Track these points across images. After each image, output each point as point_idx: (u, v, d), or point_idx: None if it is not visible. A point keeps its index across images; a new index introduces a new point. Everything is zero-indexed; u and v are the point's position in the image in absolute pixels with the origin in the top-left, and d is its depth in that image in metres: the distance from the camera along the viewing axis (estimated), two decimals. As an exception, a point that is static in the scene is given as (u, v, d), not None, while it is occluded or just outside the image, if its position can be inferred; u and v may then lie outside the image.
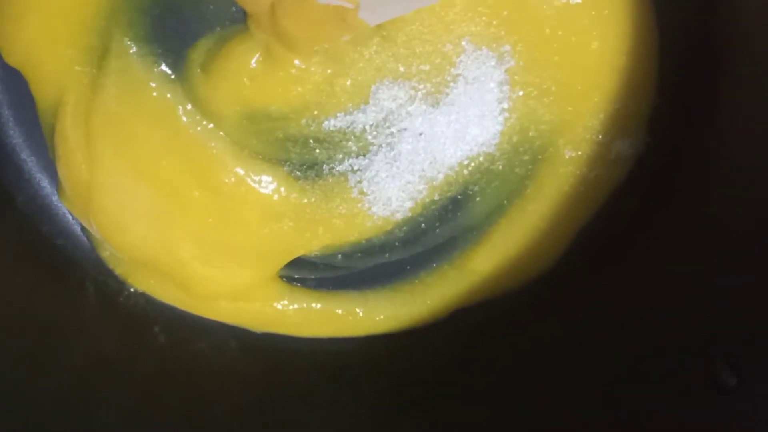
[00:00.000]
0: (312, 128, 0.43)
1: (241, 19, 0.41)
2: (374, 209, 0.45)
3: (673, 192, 0.45)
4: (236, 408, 0.47)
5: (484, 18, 0.39)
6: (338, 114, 0.42)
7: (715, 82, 0.41)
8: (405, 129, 0.42)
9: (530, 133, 0.43)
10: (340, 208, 0.45)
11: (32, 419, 0.41)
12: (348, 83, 0.41)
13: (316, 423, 0.46)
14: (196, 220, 0.44)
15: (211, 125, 0.43)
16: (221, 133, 0.43)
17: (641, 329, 0.43)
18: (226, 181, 0.43)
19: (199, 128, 0.42)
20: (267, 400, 0.48)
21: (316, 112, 0.43)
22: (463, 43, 0.39)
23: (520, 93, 0.41)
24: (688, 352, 0.39)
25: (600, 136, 0.43)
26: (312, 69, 0.41)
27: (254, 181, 0.44)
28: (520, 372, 0.47)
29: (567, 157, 0.44)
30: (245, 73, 0.41)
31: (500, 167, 0.44)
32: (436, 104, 0.41)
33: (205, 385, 0.48)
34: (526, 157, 0.44)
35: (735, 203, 0.40)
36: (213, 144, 0.43)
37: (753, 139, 0.39)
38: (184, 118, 0.42)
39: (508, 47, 0.40)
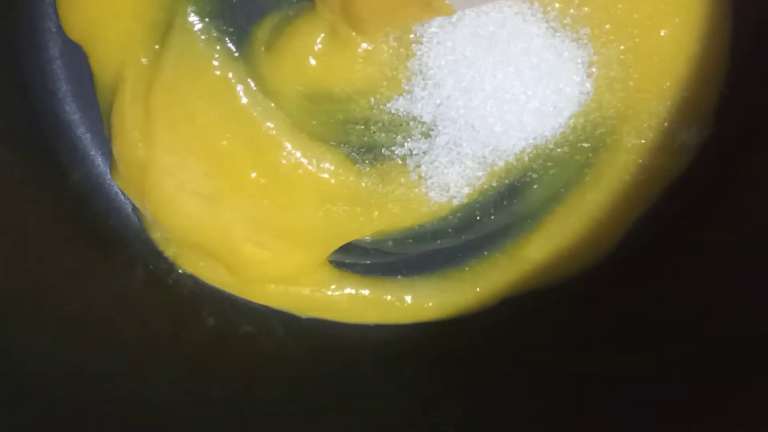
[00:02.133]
0: (374, 110, 0.42)
1: (310, -1, 0.41)
2: (431, 194, 0.44)
3: (734, 184, 0.44)
4: (281, 391, 0.46)
5: (563, 2, 0.38)
6: (402, 97, 0.42)
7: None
8: (469, 114, 0.42)
9: (595, 120, 0.42)
10: (397, 192, 0.44)
11: (82, 396, 0.40)
12: (415, 66, 0.41)
13: (360, 406, 0.46)
14: (251, 201, 0.44)
15: (272, 105, 0.42)
16: (281, 113, 0.42)
17: (694, 324, 0.42)
18: (284, 162, 0.43)
19: (259, 108, 0.42)
20: (312, 385, 0.47)
21: (379, 95, 0.42)
22: (542, 26, 0.39)
23: (591, 79, 0.40)
24: (743, 348, 0.39)
25: (665, 124, 0.42)
26: (378, 50, 0.40)
27: (312, 163, 0.43)
28: (566, 363, 0.46)
29: (629, 145, 0.43)
30: (310, 53, 0.41)
31: (560, 154, 0.44)
32: (506, 88, 0.40)
33: (251, 368, 0.47)
34: (587, 145, 0.43)
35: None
36: (272, 124, 0.42)
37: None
38: (245, 97, 0.42)
39: (586, 31, 0.39)
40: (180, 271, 0.48)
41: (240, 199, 0.44)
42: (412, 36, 0.40)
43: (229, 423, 0.44)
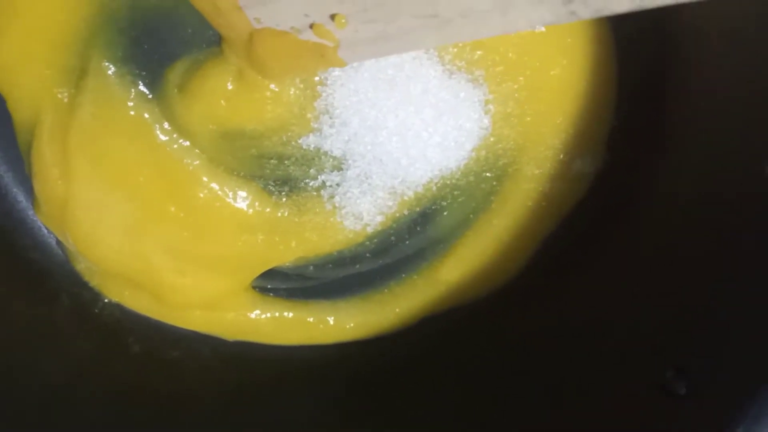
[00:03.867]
0: (286, 146, 0.44)
1: (218, 42, 0.42)
2: (346, 223, 0.46)
3: (629, 208, 0.47)
4: (209, 413, 0.48)
5: (459, 44, 0.41)
6: (312, 134, 0.44)
7: (669, 107, 0.43)
8: (376, 149, 0.44)
9: (496, 152, 0.45)
10: (313, 221, 0.46)
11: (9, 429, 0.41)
12: (322, 105, 0.43)
13: (288, 425, 0.48)
14: (171, 232, 0.45)
15: (187, 143, 0.43)
16: (197, 150, 0.44)
17: (597, 336, 0.45)
18: (201, 195, 0.44)
19: (175, 146, 0.43)
20: (239, 405, 0.49)
21: (290, 132, 0.44)
22: (438, 69, 0.41)
23: (489, 115, 0.43)
24: (641, 360, 0.41)
25: (561, 155, 0.45)
26: (286, 92, 0.42)
27: (229, 195, 0.45)
28: (484, 375, 0.48)
29: (530, 174, 0.46)
30: (221, 95, 0.42)
31: (467, 184, 0.46)
32: (408, 126, 0.42)
33: (180, 393, 0.48)
34: (491, 175, 0.46)
35: (686, 220, 0.42)
36: (188, 161, 0.44)
37: (703, 161, 0.41)
38: (161, 136, 0.43)
39: (481, 72, 0.42)
40: (106, 300, 0.49)
41: (159, 231, 0.45)
42: (317, 78, 0.42)
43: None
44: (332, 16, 0.33)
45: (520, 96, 0.42)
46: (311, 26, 0.34)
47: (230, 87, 0.42)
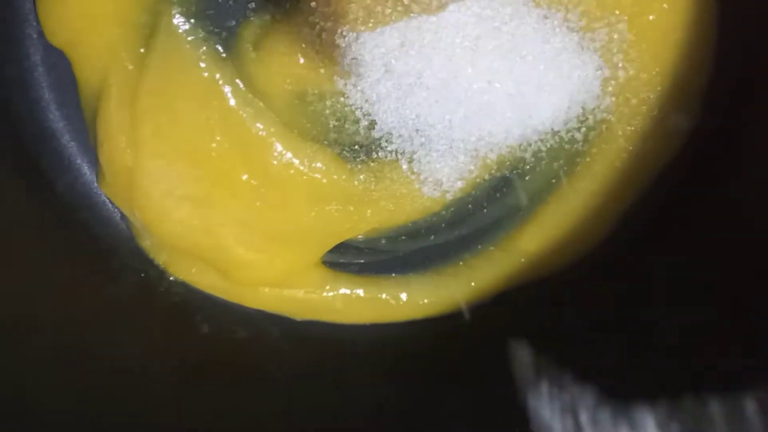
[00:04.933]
0: (365, 107, 0.42)
1: (294, -1, 0.40)
2: (424, 190, 0.44)
3: (724, 168, 0.44)
4: (279, 395, 0.46)
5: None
6: (393, 92, 0.41)
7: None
8: (461, 108, 0.41)
9: (586, 109, 0.43)
10: (390, 189, 0.44)
11: (82, 411, 0.39)
12: (402, 62, 0.40)
13: (359, 406, 0.45)
14: (242, 203, 0.43)
15: (262, 105, 0.41)
16: (271, 113, 0.42)
17: (687, 311, 0.42)
18: (275, 162, 0.42)
19: (249, 108, 0.41)
20: (309, 387, 0.47)
21: (369, 92, 0.41)
22: (533, 14, 0.39)
23: (581, 67, 0.40)
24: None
25: (655, 110, 0.42)
26: (365, 50, 0.40)
27: (303, 162, 0.43)
28: (564, 352, 0.46)
29: (620, 132, 0.43)
30: (298, 51, 0.40)
31: (552, 145, 0.44)
32: (496, 81, 0.40)
33: (248, 374, 0.46)
34: (578, 134, 0.43)
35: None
36: (262, 124, 0.42)
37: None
38: (234, 98, 0.41)
39: (577, 18, 0.39)
40: (171, 278, 0.47)
41: (231, 202, 0.43)
42: (398, 32, 0.39)
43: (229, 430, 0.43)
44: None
45: (616, 45, 0.40)
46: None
47: (307, 43, 0.40)
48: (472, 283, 0.48)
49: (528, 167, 0.44)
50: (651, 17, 0.39)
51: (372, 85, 0.41)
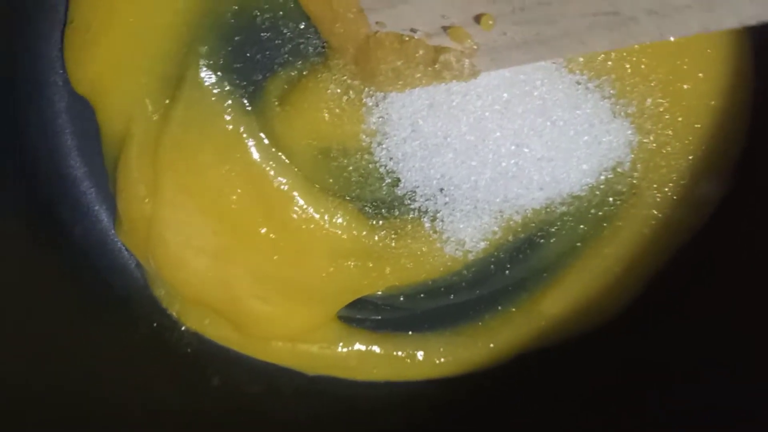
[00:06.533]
0: (389, 165, 0.41)
1: (322, 53, 0.40)
2: (446, 249, 0.43)
3: (754, 237, 0.43)
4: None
5: (586, 56, 0.38)
6: (418, 152, 0.41)
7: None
8: (487, 169, 0.41)
9: (616, 174, 0.42)
10: (411, 247, 0.43)
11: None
12: (430, 122, 0.40)
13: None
14: (260, 257, 0.43)
15: (284, 159, 0.41)
16: (294, 167, 0.41)
17: (711, 380, 0.41)
18: (295, 216, 0.42)
19: (271, 162, 0.41)
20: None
21: (393, 150, 0.41)
22: (565, 80, 0.38)
23: (613, 134, 0.40)
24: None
25: (686, 178, 0.42)
26: (391, 108, 0.39)
27: (323, 217, 0.42)
28: (585, 419, 0.45)
29: (649, 199, 0.43)
30: (324, 108, 0.40)
31: (578, 208, 0.43)
32: (524, 145, 0.39)
33: (258, 428, 0.45)
34: (608, 199, 0.43)
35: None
36: (285, 179, 0.41)
37: None
38: (257, 152, 0.41)
39: (609, 84, 0.39)
40: (183, 328, 0.46)
41: (248, 255, 0.43)
42: (425, 91, 0.39)
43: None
44: (477, 17, 0.30)
45: (648, 112, 0.39)
46: (447, 29, 0.31)
47: (333, 100, 0.39)
48: (491, 345, 0.47)
49: (553, 230, 0.43)
50: (686, 86, 0.39)
51: (398, 143, 0.40)
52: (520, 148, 0.39)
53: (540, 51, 0.31)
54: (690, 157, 0.41)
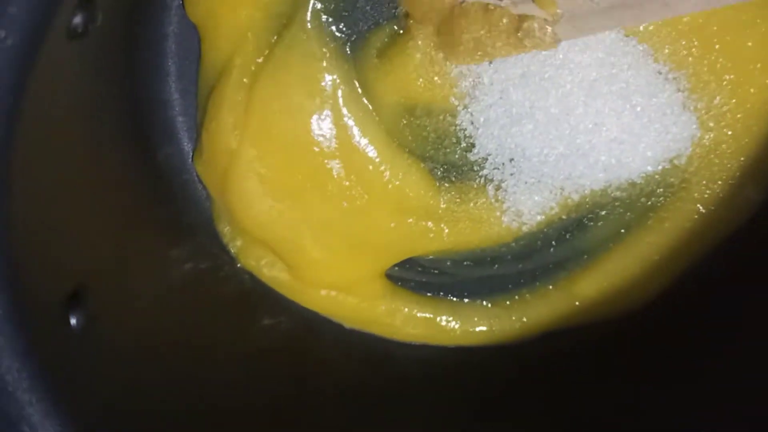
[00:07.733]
0: (468, 130, 0.43)
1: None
2: (504, 219, 0.45)
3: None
4: (326, 399, 0.46)
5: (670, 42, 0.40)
6: (497, 121, 0.43)
7: None
8: (558, 145, 0.43)
9: (671, 166, 0.44)
10: (471, 213, 0.45)
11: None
12: (512, 92, 0.42)
13: (399, 423, 0.46)
14: (329, 203, 0.44)
15: (371, 109, 0.43)
16: (377, 119, 0.43)
17: (730, 382, 0.43)
18: (371, 168, 0.43)
19: (360, 112, 0.42)
20: (355, 396, 0.47)
21: (474, 117, 0.43)
22: (649, 66, 0.41)
23: (679, 126, 0.42)
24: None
25: (734, 179, 0.44)
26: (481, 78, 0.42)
27: (396, 173, 0.44)
28: (604, 397, 0.47)
29: (696, 194, 0.45)
30: (419, 67, 0.41)
31: (631, 195, 0.45)
32: (602, 125, 0.42)
33: (300, 369, 0.47)
34: (658, 190, 0.45)
35: None
36: (368, 129, 0.43)
37: None
38: (347, 99, 0.42)
39: (684, 78, 0.41)
40: (239, 265, 0.47)
41: (320, 200, 0.44)
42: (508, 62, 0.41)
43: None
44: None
45: (715, 111, 0.42)
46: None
47: (431, 61, 0.41)
48: (524, 319, 0.49)
49: (603, 213, 0.46)
50: (752, 90, 0.42)
51: (483, 108, 0.42)
52: (598, 126, 0.41)
53: (623, 16, 0.32)
54: (741, 159, 0.44)
